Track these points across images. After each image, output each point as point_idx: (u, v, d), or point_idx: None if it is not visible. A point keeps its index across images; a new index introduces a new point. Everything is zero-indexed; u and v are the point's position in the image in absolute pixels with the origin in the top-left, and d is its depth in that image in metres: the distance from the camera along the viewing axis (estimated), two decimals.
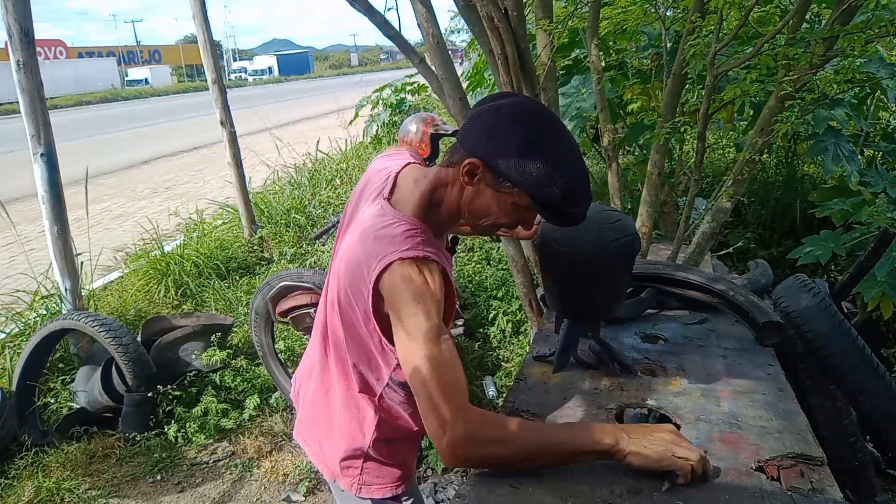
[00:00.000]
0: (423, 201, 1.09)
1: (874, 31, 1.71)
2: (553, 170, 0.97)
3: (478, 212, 1.06)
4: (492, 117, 1.00)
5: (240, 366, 3.16)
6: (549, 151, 0.98)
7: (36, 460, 2.71)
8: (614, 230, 1.26)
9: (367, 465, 1.26)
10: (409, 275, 1.01)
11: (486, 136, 1.00)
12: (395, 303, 1.02)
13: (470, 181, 1.03)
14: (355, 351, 1.17)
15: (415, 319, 0.99)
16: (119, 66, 45.45)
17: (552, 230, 1.32)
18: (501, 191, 1.01)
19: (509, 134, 0.98)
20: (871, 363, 1.49)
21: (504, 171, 0.98)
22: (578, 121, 3.41)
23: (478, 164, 1.00)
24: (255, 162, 6.42)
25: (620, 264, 1.30)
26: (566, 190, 0.98)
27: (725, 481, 0.99)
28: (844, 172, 3.04)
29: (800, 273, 1.72)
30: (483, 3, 1.87)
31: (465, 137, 1.04)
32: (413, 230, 1.06)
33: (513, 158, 0.97)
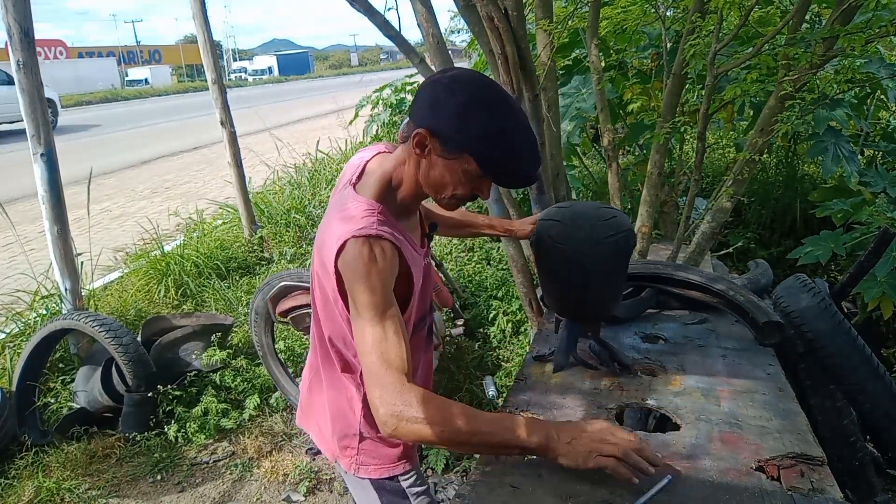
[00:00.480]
0: (383, 183, 1.13)
1: (874, 31, 1.71)
2: (493, 130, 1.00)
3: (435, 184, 1.09)
4: (433, 89, 1.04)
5: (240, 366, 3.16)
6: (487, 112, 1.00)
7: (36, 460, 2.71)
8: (609, 227, 1.27)
9: (364, 444, 1.28)
10: (359, 252, 1.04)
11: (428, 107, 1.03)
12: (347, 280, 1.06)
13: (422, 153, 1.06)
14: (331, 330, 1.21)
15: (361, 296, 1.03)
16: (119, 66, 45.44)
17: (548, 228, 1.33)
18: (450, 158, 1.04)
19: (449, 101, 1.01)
20: (871, 363, 1.49)
21: (447, 136, 1.02)
22: (578, 121, 3.40)
23: (424, 133, 1.03)
24: (255, 162, 6.42)
25: (616, 261, 1.30)
26: (508, 149, 1.02)
27: (725, 481, 0.99)
28: (844, 172, 3.04)
29: (800, 273, 1.72)
30: (483, 3, 1.87)
31: (413, 112, 1.07)
32: (369, 210, 1.09)
33: (453, 123, 1.01)
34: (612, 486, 0.99)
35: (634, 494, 0.96)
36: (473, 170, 1.04)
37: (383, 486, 1.32)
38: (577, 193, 3.95)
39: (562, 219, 1.33)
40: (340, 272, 1.07)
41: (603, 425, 0.99)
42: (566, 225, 1.31)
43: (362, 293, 1.03)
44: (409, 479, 1.34)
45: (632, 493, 0.97)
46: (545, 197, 2.25)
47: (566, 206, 1.39)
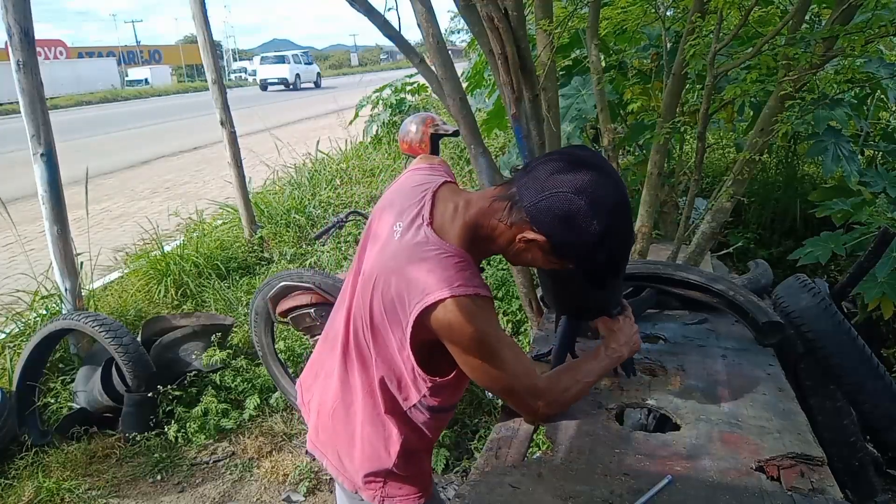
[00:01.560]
0: (467, 233, 1.08)
1: (874, 31, 1.71)
2: (615, 260, 1.06)
3: (522, 261, 1.11)
4: (568, 203, 0.98)
5: (240, 366, 3.16)
6: (616, 245, 1.03)
7: (36, 460, 2.71)
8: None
9: (390, 479, 1.26)
10: (467, 312, 1.01)
11: (560, 222, 0.99)
12: (458, 340, 1.05)
13: (525, 244, 1.04)
14: (385, 372, 1.16)
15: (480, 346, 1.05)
16: (119, 67, 45.41)
17: None
18: (553, 257, 1.05)
19: (587, 228, 0.98)
20: (871, 363, 1.49)
21: (568, 255, 1.04)
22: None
23: (542, 240, 1.02)
24: (255, 162, 6.41)
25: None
26: (619, 272, 1.09)
27: (725, 481, 0.99)
28: (844, 172, 3.04)
29: (800, 273, 1.71)
30: (483, 3, 1.87)
31: (533, 208, 1.01)
32: (461, 262, 1.05)
33: (582, 250, 1.01)
34: (612, 486, 0.99)
35: (634, 494, 0.96)
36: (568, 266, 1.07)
37: None
38: None
39: None
40: (433, 328, 1.04)
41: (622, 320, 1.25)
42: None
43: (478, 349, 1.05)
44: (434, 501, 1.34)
45: (632, 493, 0.97)
46: None
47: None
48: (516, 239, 1.04)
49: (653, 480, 0.98)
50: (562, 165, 1.01)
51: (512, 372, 1.10)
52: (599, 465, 1.05)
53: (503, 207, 1.04)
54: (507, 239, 1.06)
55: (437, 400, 1.17)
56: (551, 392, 1.15)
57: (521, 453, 1.11)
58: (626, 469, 1.03)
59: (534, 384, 1.13)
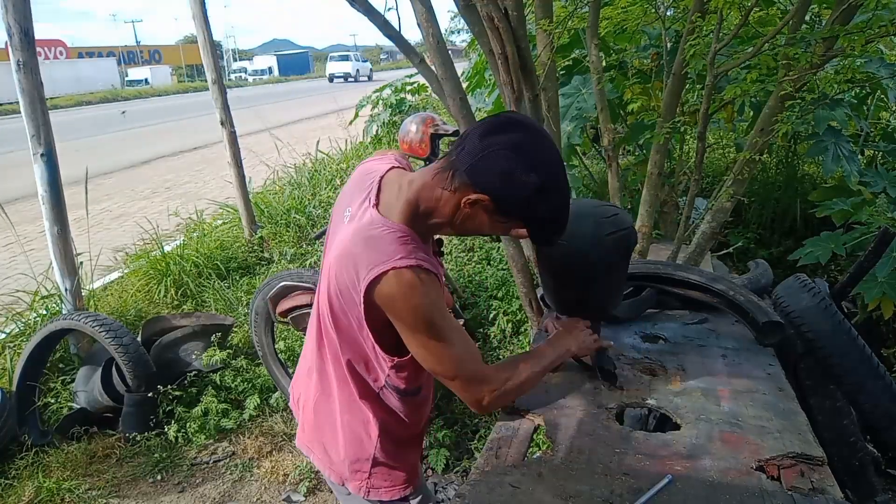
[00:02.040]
0: (410, 208, 1.11)
1: (874, 31, 1.71)
2: (558, 213, 1.09)
3: (469, 229, 1.12)
4: (508, 160, 1.02)
5: (240, 366, 3.15)
6: (557, 195, 1.07)
7: (36, 460, 2.71)
8: (611, 224, 1.28)
9: (376, 469, 1.28)
10: (407, 284, 1.04)
11: (499, 176, 1.03)
12: (400, 313, 1.07)
13: (469, 206, 1.07)
14: (351, 355, 1.20)
15: (423, 322, 1.07)
16: (119, 67, 45.40)
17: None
18: (497, 219, 1.08)
19: (526, 181, 1.03)
20: (871, 363, 1.49)
21: (512, 209, 1.06)
22: (578, 121, 3.41)
23: (486, 199, 1.04)
24: (255, 162, 6.41)
25: (616, 258, 1.31)
26: (562, 227, 1.12)
27: (725, 481, 0.99)
28: (844, 172, 3.04)
29: (800, 273, 1.71)
30: (483, 3, 1.87)
31: (468, 167, 1.05)
32: (403, 237, 1.08)
33: (525, 203, 1.05)
34: (612, 486, 0.99)
35: (635, 494, 0.96)
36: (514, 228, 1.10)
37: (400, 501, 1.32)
38: (577, 193, 3.95)
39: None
40: (378, 303, 1.07)
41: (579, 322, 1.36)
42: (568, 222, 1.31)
43: (423, 324, 1.07)
44: (417, 499, 1.35)
45: (632, 493, 0.97)
46: None
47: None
48: (461, 204, 1.07)
49: (653, 480, 0.98)
50: (494, 127, 1.05)
51: (457, 355, 1.11)
52: (599, 464, 1.05)
53: (445, 177, 1.08)
54: (452, 207, 1.09)
55: (401, 380, 1.20)
56: (496, 380, 1.15)
57: (522, 453, 1.11)
58: (626, 469, 1.03)
59: (479, 371, 1.14)
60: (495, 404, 1.18)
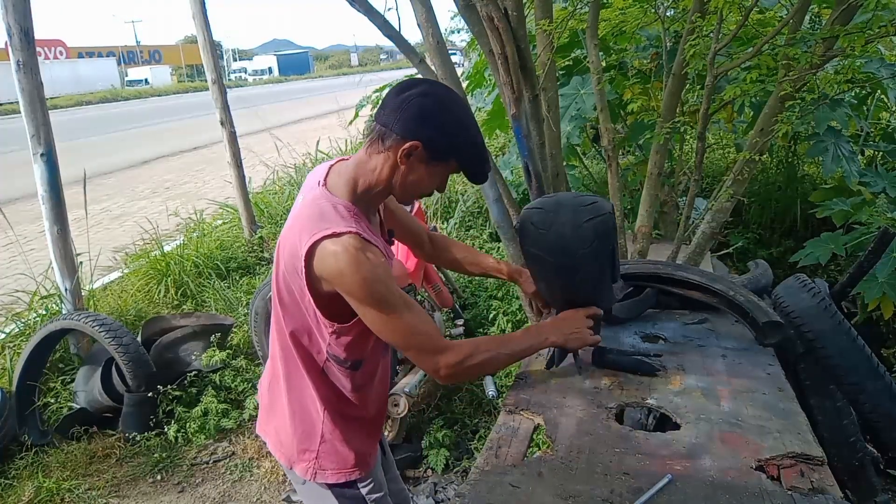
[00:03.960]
0: (351, 185, 1.19)
1: (874, 31, 1.71)
2: (476, 139, 1.19)
3: (411, 186, 1.19)
4: (421, 104, 1.14)
5: (240, 366, 3.15)
6: (472, 126, 1.19)
7: (36, 460, 2.71)
8: (589, 211, 1.31)
9: (323, 448, 1.30)
10: (350, 255, 1.09)
11: (418, 120, 1.13)
12: (350, 287, 1.11)
13: (405, 161, 1.15)
14: (295, 326, 1.24)
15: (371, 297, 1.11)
16: (119, 66, 45.41)
17: (530, 215, 1.37)
18: (434, 164, 1.17)
19: (443, 117, 1.14)
20: (871, 363, 1.49)
21: (439, 147, 1.15)
22: (578, 121, 3.40)
23: (417, 145, 1.13)
24: (255, 162, 6.42)
25: (598, 243, 1.31)
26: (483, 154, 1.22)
27: (725, 481, 0.99)
28: (844, 173, 3.04)
29: (800, 273, 1.71)
30: (483, 3, 1.87)
31: (393, 123, 1.14)
32: (347, 209, 1.16)
33: (447, 138, 1.15)
34: (612, 486, 0.99)
35: (634, 494, 0.96)
36: (453, 170, 1.20)
37: (343, 493, 1.33)
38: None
39: (543, 206, 1.38)
40: (316, 270, 1.11)
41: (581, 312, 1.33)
42: (547, 211, 1.35)
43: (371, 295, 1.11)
44: (367, 485, 1.35)
45: (632, 492, 0.97)
46: None
47: (549, 196, 1.44)
48: (398, 161, 1.15)
49: (653, 480, 0.98)
50: (404, 86, 1.17)
51: (409, 325, 1.15)
52: (599, 464, 1.05)
53: (376, 144, 1.17)
54: (389, 168, 1.17)
55: (342, 349, 1.22)
56: (454, 354, 1.18)
57: (522, 453, 1.11)
58: (626, 468, 1.03)
59: (435, 342, 1.18)
60: (454, 377, 1.21)
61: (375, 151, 1.17)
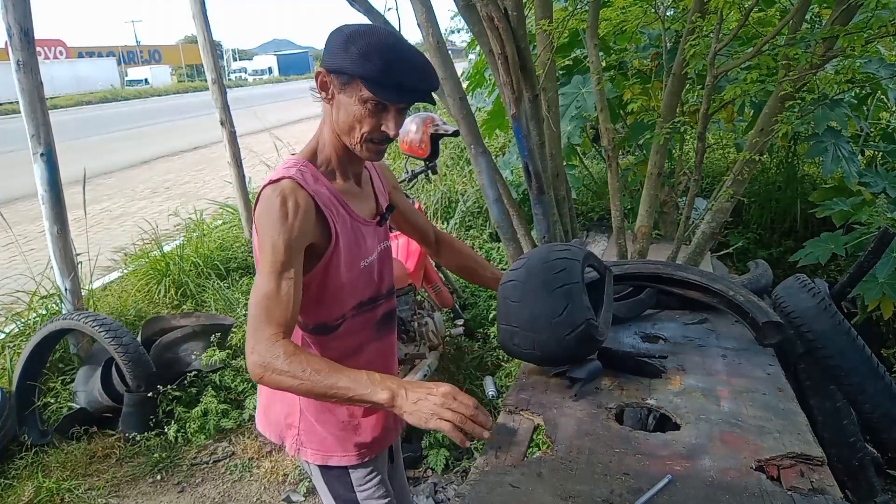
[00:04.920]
0: (311, 143, 1.21)
1: (874, 31, 1.71)
2: (372, 48, 1.08)
3: (344, 126, 1.14)
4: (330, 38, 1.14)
5: (240, 366, 3.15)
6: (367, 37, 1.10)
7: (36, 460, 2.71)
8: (567, 324, 1.26)
9: (303, 424, 1.29)
10: (269, 200, 1.09)
11: (326, 51, 1.13)
12: (258, 227, 1.11)
13: (327, 96, 1.14)
14: None
15: (265, 246, 1.09)
16: (119, 66, 45.41)
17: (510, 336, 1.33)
18: (346, 90, 1.11)
19: (337, 37, 1.12)
20: (871, 363, 1.49)
21: (337, 66, 1.10)
22: (578, 121, 3.40)
23: (322, 71, 1.13)
24: (255, 162, 6.41)
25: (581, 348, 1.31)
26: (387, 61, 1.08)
27: (725, 481, 0.99)
28: (844, 173, 3.04)
29: (800, 273, 1.71)
30: (483, 3, 1.87)
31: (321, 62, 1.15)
32: (294, 162, 1.16)
33: (339, 52, 1.10)
34: (612, 486, 0.99)
35: (634, 494, 0.96)
36: (366, 94, 1.09)
37: (329, 474, 1.32)
38: (577, 193, 3.95)
39: (519, 325, 1.31)
40: (255, 223, 1.12)
41: (446, 389, 1.01)
42: (524, 329, 1.30)
43: (266, 244, 1.08)
44: (360, 471, 1.32)
45: (632, 493, 0.97)
46: (545, 197, 2.26)
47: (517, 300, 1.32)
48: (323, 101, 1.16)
49: (653, 480, 0.98)
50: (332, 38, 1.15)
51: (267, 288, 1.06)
52: (599, 464, 1.05)
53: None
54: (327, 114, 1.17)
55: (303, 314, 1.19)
56: (274, 350, 1.03)
57: (521, 453, 1.11)
58: (626, 469, 1.03)
59: (273, 325, 1.05)
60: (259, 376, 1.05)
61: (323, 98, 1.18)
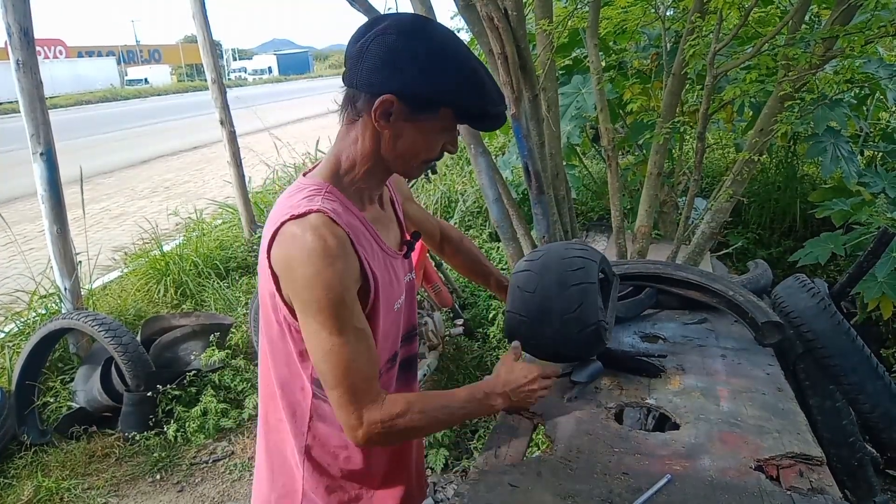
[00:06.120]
0: (330, 166, 0.98)
1: (874, 31, 1.71)
2: (465, 74, 0.89)
3: (404, 153, 0.95)
4: (382, 45, 0.87)
5: (239, 365, 3.15)
6: (454, 58, 0.89)
7: (35, 460, 2.71)
8: (578, 322, 1.25)
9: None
10: (294, 238, 0.88)
11: (384, 69, 0.87)
12: (291, 277, 0.90)
13: (386, 123, 0.91)
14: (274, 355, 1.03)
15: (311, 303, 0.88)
16: (119, 66, 45.40)
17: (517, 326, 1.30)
18: (422, 119, 0.91)
19: (410, 55, 0.87)
20: (870, 363, 1.49)
21: (418, 94, 0.88)
22: (578, 121, 3.41)
23: (391, 100, 0.88)
24: (254, 161, 6.41)
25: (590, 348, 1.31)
26: (482, 89, 0.91)
27: (725, 480, 0.99)
28: (843, 173, 3.05)
29: (799, 273, 1.72)
30: (483, 3, 1.87)
31: (358, 79, 0.90)
32: (316, 189, 0.94)
33: (423, 79, 0.87)
34: (612, 486, 0.99)
35: (634, 493, 0.96)
36: (449, 122, 0.93)
37: None
38: (577, 193, 3.95)
39: (528, 315, 1.30)
40: (276, 270, 0.91)
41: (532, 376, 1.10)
42: (533, 321, 1.29)
43: (316, 297, 0.87)
44: None
45: (631, 492, 0.97)
46: (545, 197, 2.26)
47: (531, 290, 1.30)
48: (375, 125, 0.91)
49: (652, 479, 0.98)
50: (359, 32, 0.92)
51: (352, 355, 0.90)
52: (599, 464, 1.05)
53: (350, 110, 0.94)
54: (370, 136, 0.93)
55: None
56: (384, 409, 0.93)
57: (521, 452, 1.11)
58: (625, 468, 1.03)
59: (372, 388, 0.93)
60: (374, 438, 0.94)
61: (350, 120, 0.94)
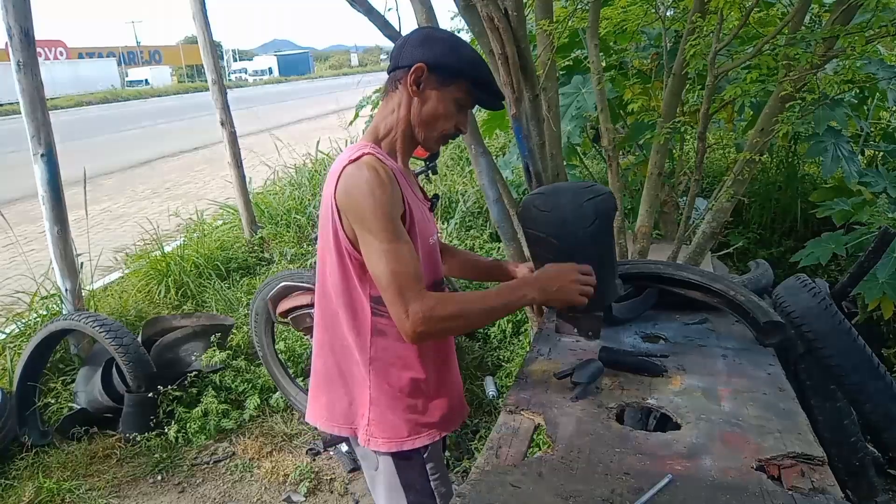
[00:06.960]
0: (373, 131, 1.27)
1: (874, 31, 1.71)
2: (474, 57, 1.22)
3: (428, 119, 1.22)
4: (419, 34, 1.24)
5: (240, 366, 3.15)
6: (467, 47, 1.24)
7: (36, 461, 2.71)
8: (589, 192, 1.36)
9: (374, 413, 1.27)
10: (353, 174, 1.14)
11: (419, 45, 1.20)
12: (352, 207, 1.14)
13: (417, 89, 1.20)
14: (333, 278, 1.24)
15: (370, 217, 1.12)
16: (119, 67, 45.44)
17: (532, 199, 1.41)
18: (445, 87, 1.20)
19: (441, 37, 1.22)
20: (871, 363, 1.49)
21: (444, 63, 1.19)
22: (578, 121, 3.40)
23: (422, 67, 1.18)
24: (255, 162, 6.42)
25: (599, 223, 1.34)
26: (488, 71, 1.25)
27: (726, 481, 0.99)
28: (844, 173, 3.04)
29: (800, 273, 1.71)
30: (483, 4, 1.87)
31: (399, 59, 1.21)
32: (363, 145, 1.21)
33: (449, 52, 1.20)
34: (612, 486, 0.99)
35: (635, 494, 0.96)
36: (464, 95, 1.22)
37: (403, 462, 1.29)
38: None
39: (545, 191, 1.43)
40: (339, 205, 1.16)
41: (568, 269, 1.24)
42: (548, 195, 1.39)
43: (371, 216, 1.11)
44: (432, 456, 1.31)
45: (632, 492, 0.97)
46: None
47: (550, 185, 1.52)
48: (409, 91, 1.20)
49: (653, 480, 0.98)
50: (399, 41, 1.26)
51: (400, 254, 1.12)
52: (600, 464, 1.05)
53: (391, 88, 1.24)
54: (405, 103, 1.22)
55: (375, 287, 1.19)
56: (429, 301, 1.12)
57: (522, 452, 1.11)
58: (626, 468, 1.03)
59: (416, 283, 1.12)
60: (418, 328, 1.12)
61: (389, 91, 1.23)
